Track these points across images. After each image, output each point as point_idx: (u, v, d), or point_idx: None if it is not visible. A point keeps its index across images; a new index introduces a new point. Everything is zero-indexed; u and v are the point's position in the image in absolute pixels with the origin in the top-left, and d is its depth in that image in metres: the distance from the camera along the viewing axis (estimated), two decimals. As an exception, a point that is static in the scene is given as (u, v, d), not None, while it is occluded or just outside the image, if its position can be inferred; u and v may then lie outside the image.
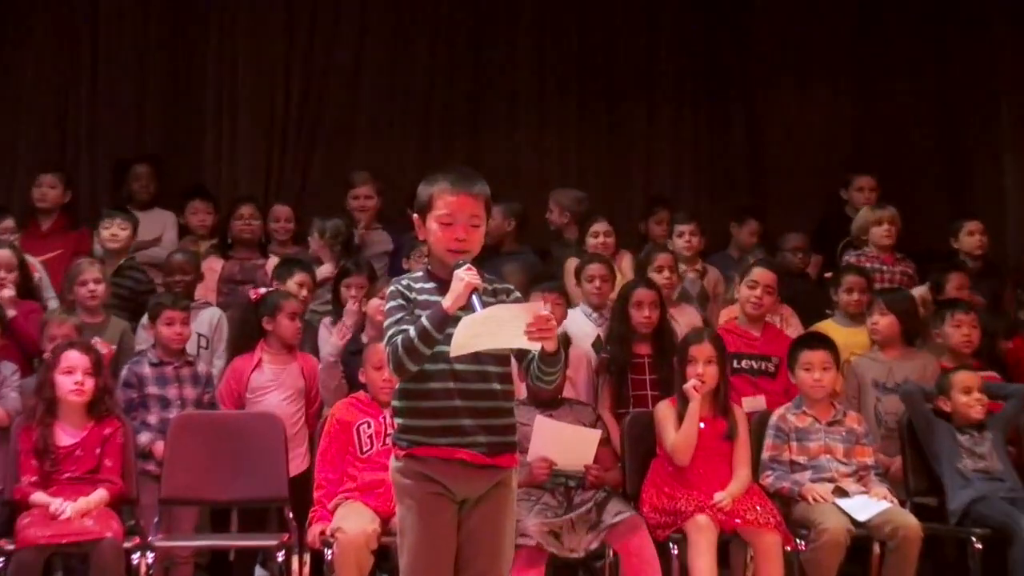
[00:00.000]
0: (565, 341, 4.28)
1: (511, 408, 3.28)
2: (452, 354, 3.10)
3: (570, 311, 5.65)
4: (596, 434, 4.83)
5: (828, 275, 6.28)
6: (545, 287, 5.42)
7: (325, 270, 6.17)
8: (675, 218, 6.66)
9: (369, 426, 4.74)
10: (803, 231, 6.93)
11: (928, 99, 8.06)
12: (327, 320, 5.71)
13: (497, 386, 3.22)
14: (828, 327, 5.68)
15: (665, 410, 4.90)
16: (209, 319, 5.83)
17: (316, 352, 5.58)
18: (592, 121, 8.16)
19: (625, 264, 6.48)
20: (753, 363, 5.45)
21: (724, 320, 5.84)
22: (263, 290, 5.57)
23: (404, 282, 3.30)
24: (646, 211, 7.23)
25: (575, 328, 5.54)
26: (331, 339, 5.31)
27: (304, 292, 5.72)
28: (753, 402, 5.27)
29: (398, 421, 3.26)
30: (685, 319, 5.78)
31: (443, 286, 3.19)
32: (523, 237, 6.73)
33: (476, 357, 3.16)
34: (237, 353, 5.49)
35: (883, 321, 5.50)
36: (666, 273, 5.86)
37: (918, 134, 8.02)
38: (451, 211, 3.22)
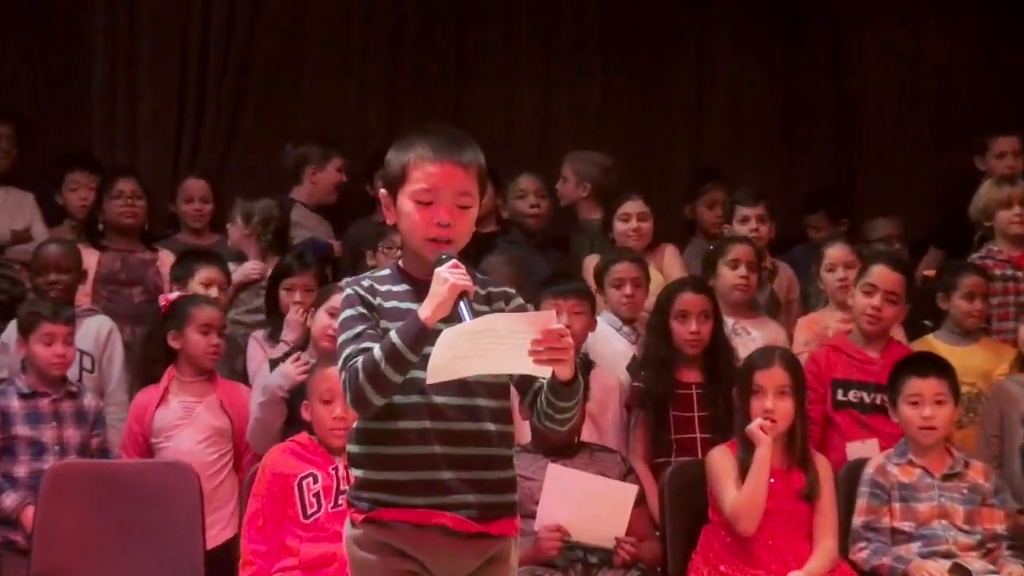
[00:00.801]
0: (585, 365, 4.27)
1: (510, 456, 3.27)
2: (429, 381, 3.08)
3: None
4: (632, 490, 4.82)
5: (929, 273, 6.27)
6: (561, 290, 5.40)
7: (251, 268, 6.21)
8: (735, 199, 6.66)
9: (315, 480, 4.72)
10: (904, 216, 6.93)
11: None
12: (259, 334, 5.74)
13: (491, 427, 3.21)
14: (931, 345, 5.70)
15: (721, 459, 4.89)
16: (96, 331, 5.82)
17: (241, 377, 5.62)
18: (620, 70, 8.22)
19: (668, 260, 6.52)
20: (864, 395, 5.41)
21: (809, 336, 5.84)
22: (175, 295, 5.58)
23: (365, 283, 3.27)
24: (693, 189, 7.26)
25: (601, 346, 5.55)
26: (283, 367, 5.27)
27: (214, 292, 5.74)
28: (861, 448, 5.24)
29: (355, 474, 3.24)
30: (765, 334, 5.78)
31: (419, 289, 3.18)
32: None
33: (463, 386, 3.15)
34: (143, 384, 5.49)
35: None
36: (742, 270, 5.87)
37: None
38: (432, 185, 3.20)
